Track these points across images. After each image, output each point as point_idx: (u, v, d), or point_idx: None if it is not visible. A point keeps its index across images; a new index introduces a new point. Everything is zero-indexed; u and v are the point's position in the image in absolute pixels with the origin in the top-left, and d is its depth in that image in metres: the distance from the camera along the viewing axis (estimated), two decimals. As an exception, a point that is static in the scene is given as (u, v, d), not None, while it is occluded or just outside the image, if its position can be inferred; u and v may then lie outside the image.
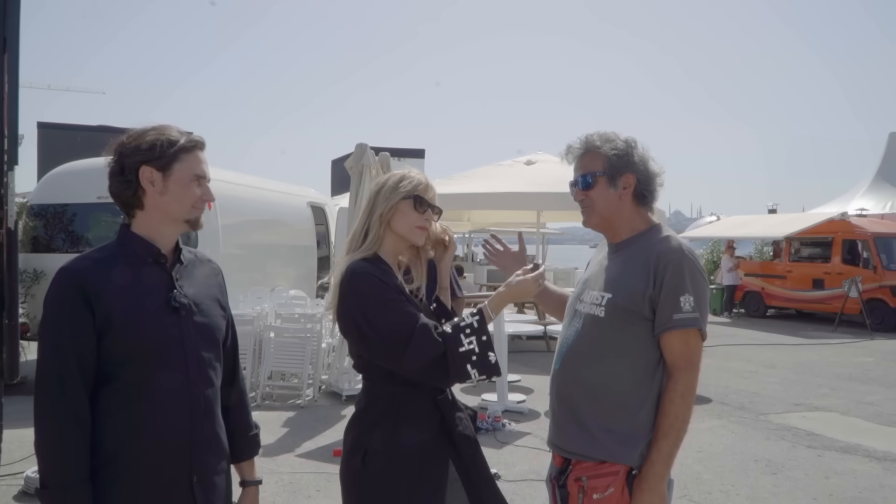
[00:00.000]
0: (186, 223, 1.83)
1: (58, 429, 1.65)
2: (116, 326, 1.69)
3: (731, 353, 10.74)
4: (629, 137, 2.11)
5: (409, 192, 2.12)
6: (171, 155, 1.78)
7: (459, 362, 1.95)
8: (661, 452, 1.94)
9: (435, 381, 2.02)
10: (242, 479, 2.03)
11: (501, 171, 12.41)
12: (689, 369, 1.98)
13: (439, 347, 1.95)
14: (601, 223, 2.15)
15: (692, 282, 1.98)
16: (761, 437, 6.20)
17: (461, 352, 1.95)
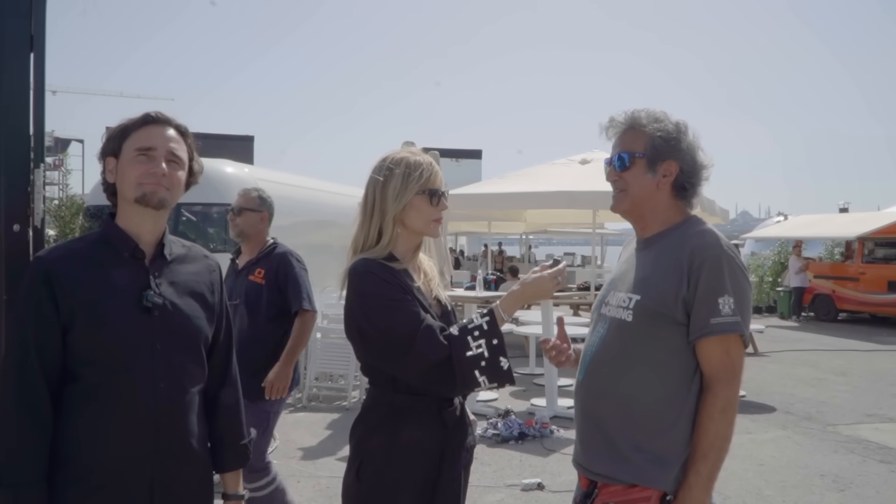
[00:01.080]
0: (136, 202, 1.68)
1: (14, 424, 1.58)
2: (80, 323, 1.60)
3: (798, 359, 10.20)
4: (680, 121, 1.87)
5: (423, 187, 1.95)
6: (119, 137, 1.71)
7: (467, 368, 1.78)
8: (699, 475, 1.72)
9: (440, 388, 1.85)
10: (225, 491, 1.90)
11: (556, 169, 12.11)
12: (730, 381, 1.75)
13: (444, 351, 1.78)
14: (631, 210, 1.93)
15: (732, 281, 1.74)
16: (829, 449, 5.79)
17: (468, 356, 1.79)
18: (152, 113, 1.72)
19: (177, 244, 1.81)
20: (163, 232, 1.77)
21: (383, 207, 1.94)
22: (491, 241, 22.87)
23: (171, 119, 1.74)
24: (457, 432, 1.94)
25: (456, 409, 1.96)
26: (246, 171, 9.04)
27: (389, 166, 1.97)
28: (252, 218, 3.59)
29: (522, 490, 4.74)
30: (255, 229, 3.60)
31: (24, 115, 3.26)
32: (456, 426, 1.94)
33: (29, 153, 3.28)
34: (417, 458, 1.87)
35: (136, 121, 1.71)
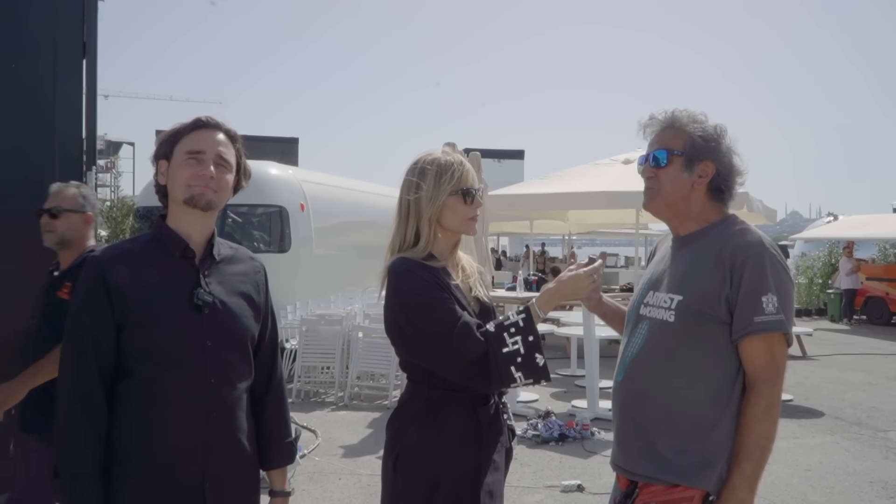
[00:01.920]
0: (185, 203, 1.73)
1: (72, 419, 1.63)
2: (133, 321, 1.65)
3: (850, 363, 9.92)
4: (719, 124, 1.85)
5: (455, 187, 1.97)
6: (170, 141, 1.76)
7: (503, 364, 1.79)
8: (744, 475, 1.70)
9: (476, 384, 1.87)
10: (271, 487, 1.94)
11: (598, 170, 12.01)
12: (774, 380, 1.73)
13: (481, 347, 1.80)
14: (664, 209, 1.91)
15: (775, 279, 1.72)
16: (879, 456, 5.63)
17: (505, 353, 1.80)
18: (203, 118, 1.77)
19: (224, 245, 1.85)
20: (212, 233, 1.81)
21: (418, 210, 1.96)
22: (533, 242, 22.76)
23: (221, 124, 1.78)
24: (491, 430, 1.96)
25: (490, 407, 1.98)
26: (290, 173, 9.20)
27: (422, 168, 1.99)
28: (74, 221, 2.82)
29: (562, 491, 4.72)
30: (77, 234, 2.85)
31: (76, 120, 3.40)
32: (490, 425, 1.96)
33: (81, 156, 3.43)
34: (452, 454, 1.89)
35: (187, 125, 1.76)
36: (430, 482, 1.87)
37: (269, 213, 8.64)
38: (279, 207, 8.59)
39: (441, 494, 1.86)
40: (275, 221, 8.65)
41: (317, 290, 9.02)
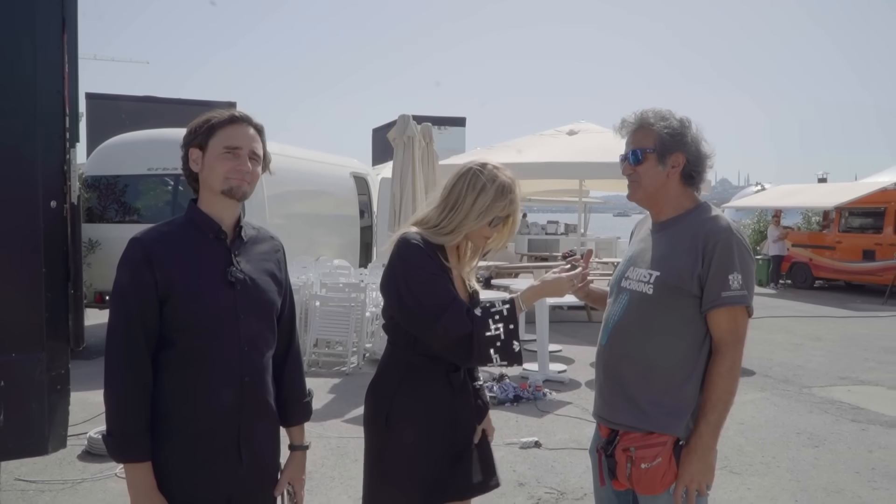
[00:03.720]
0: (223, 194, 1.90)
1: (122, 383, 1.79)
2: (176, 295, 1.81)
3: (776, 326, 10.62)
4: (684, 117, 2.11)
5: (501, 215, 2.15)
6: (206, 132, 1.90)
7: (484, 345, 2.03)
8: (709, 424, 1.99)
9: (458, 358, 2.11)
10: (291, 443, 2.14)
11: (544, 140, 12.36)
12: (736, 345, 2.02)
13: (467, 328, 2.03)
14: (646, 199, 2.17)
15: (740, 260, 2.00)
16: (804, 410, 6.17)
17: (487, 336, 2.03)
18: (237, 113, 1.92)
19: (248, 227, 2.02)
20: (239, 216, 1.98)
21: (467, 214, 2.12)
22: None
23: (251, 118, 1.93)
24: (461, 392, 2.20)
25: (461, 373, 2.21)
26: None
27: (492, 176, 2.14)
28: None
29: (521, 448, 5.04)
30: None
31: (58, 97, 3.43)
32: (461, 388, 2.21)
33: (64, 133, 3.46)
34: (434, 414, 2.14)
35: (223, 119, 1.90)
36: (421, 437, 2.12)
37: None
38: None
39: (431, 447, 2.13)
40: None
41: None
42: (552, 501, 4.10)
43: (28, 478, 4.28)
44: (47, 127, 3.39)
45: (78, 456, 4.67)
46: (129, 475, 1.79)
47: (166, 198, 8.63)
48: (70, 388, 3.51)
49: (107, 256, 7.70)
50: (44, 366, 3.39)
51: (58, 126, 3.43)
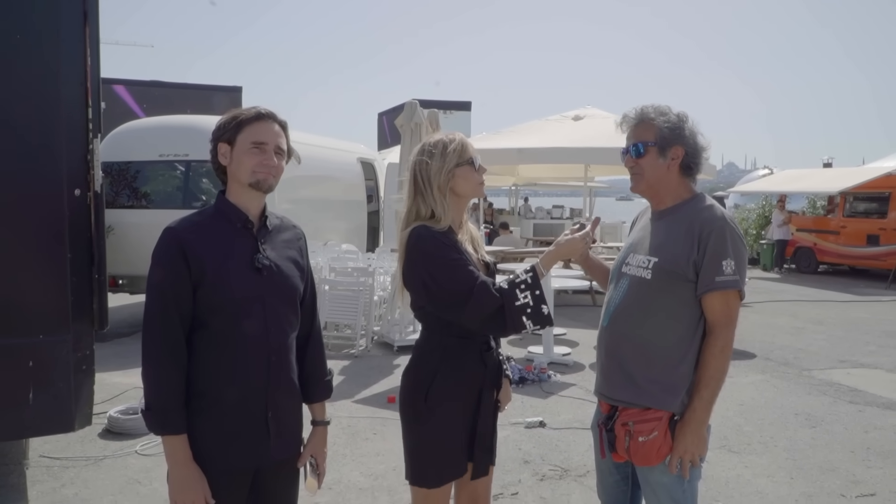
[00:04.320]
0: (251, 186, 2.03)
1: (160, 362, 1.93)
2: (208, 281, 1.95)
3: (779, 309, 10.73)
4: (681, 112, 2.24)
5: (462, 158, 2.31)
6: (234, 128, 2.02)
7: (516, 314, 2.17)
8: (702, 400, 2.14)
9: (493, 331, 2.25)
10: (314, 418, 2.28)
11: (550, 125, 12.44)
12: (728, 326, 2.15)
13: (497, 302, 2.16)
14: (648, 190, 2.30)
15: (733, 248, 2.13)
16: (803, 392, 6.31)
17: (517, 305, 2.17)
18: (262, 110, 2.04)
19: (272, 217, 2.15)
20: (264, 206, 2.11)
21: (429, 181, 2.30)
22: (479, 194, 23.07)
23: (276, 115, 2.06)
24: (492, 369, 2.37)
25: (493, 351, 2.38)
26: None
27: (429, 148, 2.33)
28: None
29: (526, 427, 5.20)
30: None
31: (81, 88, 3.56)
32: (493, 366, 2.37)
33: (87, 124, 3.60)
34: (470, 393, 2.31)
35: (249, 116, 2.03)
36: (457, 413, 2.28)
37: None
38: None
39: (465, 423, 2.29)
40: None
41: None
42: (556, 478, 4.26)
43: (52, 455, 4.45)
44: (71, 117, 3.53)
45: (98, 434, 4.85)
46: (167, 447, 1.94)
47: (177, 184, 8.76)
48: (94, 368, 3.68)
49: (119, 241, 7.84)
50: (70, 347, 3.55)
51: (81, 116, 3.57)
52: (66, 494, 3.94)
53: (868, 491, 4.14)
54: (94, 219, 3.60)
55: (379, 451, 4.65)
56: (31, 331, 3.46)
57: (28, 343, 3.46)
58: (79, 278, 3.55)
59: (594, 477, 4.23)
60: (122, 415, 4.95)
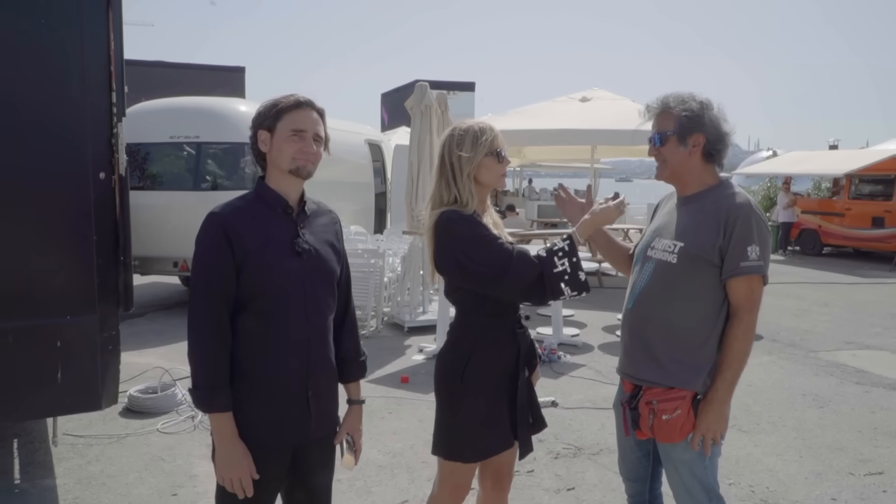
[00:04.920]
0: (290, 173, 2.08)
1: (207, 342, 1.99)
2: (251, 265, 2.00)
3: (785, 291, 10.80)
4: (705, 100, 2.28)
5: (491, 148, 2.37)
6: (273, 116, 2.06)
7: (555, 281, 2.25)
8: (725, 381, 2.21)
9: (533, 298, 2.32)
10: (349, 398, 2.34)
11: (557, 107, 12.43)
12: (752, 310, 2.22)
13: (536, 269, 2.24)
14: (671, 176, 2.35)
15: (758, 234, 2.19)
16: (810, 373, 6.38)
17: (555, 272, 2.25)
18: (301, 98, 2.08)
19: (310, 202, 2.20)
20: (303, 192, 2.17)
21: (460, 168, 2.36)
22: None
23: (314, 102, 2.10)
24: (525, 347, 2.45)
25: (526, 330, 2.47)
26: (260, 110, 9.27)
27: (461, 134, 2.39)
28: None
29: (538, 407, 5.28)
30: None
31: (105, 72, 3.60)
32: (526, 343, 2.46)
33: (111, 108, 3.65)
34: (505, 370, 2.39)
35: (289, 104, 2.06)
36: (493, 390, 2.37)
37: (243, 150, 8.78)
38: (253, 145, 8.73)
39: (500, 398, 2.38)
40: (248, 160, 8.80)
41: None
42: (570, 456, 4.35)
43: (75, 433, 4.54)
44: (95, 102, 3.57)
45: (119, 413, 4.94)
46: (214, 424, 2.01)
47: (188, 165, 8.80)
48: (120, 348, 3.75)
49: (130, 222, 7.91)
50: (96, 327, 3.63)
51: (104, 100, 3.61)
52: (92, 471, 4.03)
53: (876, 469, 4.22)
54: (120, 201, 3.66)
55: (395, 430, 4.74)
56: (59, 312, 3.53)
57: (55, 323, 3.53)
58: (104, 260, 3.62)
59: (607, 455, 4.36)
60: (141, 394, 5.04)
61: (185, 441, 4.50)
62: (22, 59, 3.37)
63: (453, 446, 2.44)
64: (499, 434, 2.44)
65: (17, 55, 3.36)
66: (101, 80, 3.58)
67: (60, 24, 3.46)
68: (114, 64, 3.61)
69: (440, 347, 2.54)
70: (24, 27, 3.36)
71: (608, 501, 3.78)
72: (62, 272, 3.54)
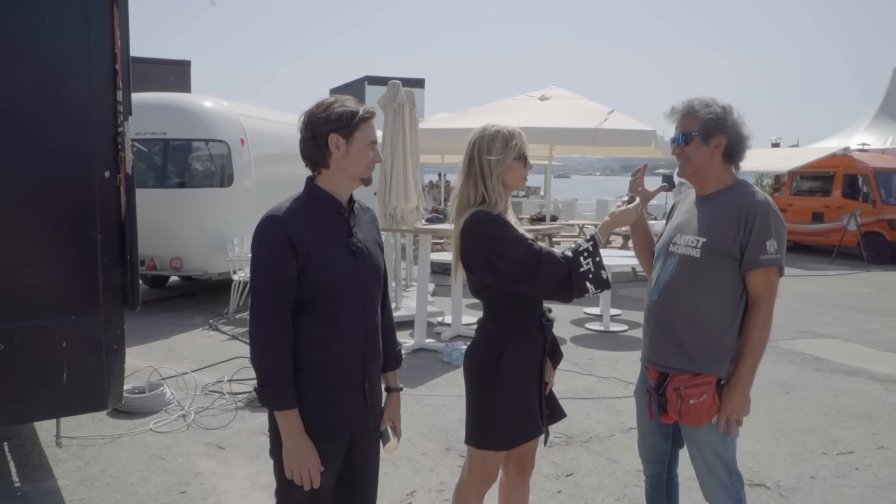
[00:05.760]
0: (362, 180, 2.19)
1: (271, 342, 2.06)
2: (313, 266, 2.07)
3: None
4: (727, 104, 2.45)
5: (520, 153, 2.50)
6: (354, 125, 2.13)
7: (581, 280, 2.39)
8: (747, 366, 2.39)
9: (561, 296, 2.45)
10: (388, 386, 2.44)
11: (517, 104, 12.63)
12: (770, 300, 2.40)
13: (564, 269, 2.38)
14: (693, 175, 2.52)
15: (776, 229, 2.38)
16: (772, 360, 6.71)
17: (581, 271, 2.39)
18: (372, 110, 2.18)
19: (357, 202, 2.29)
20: (351, 193, 2.25)
21: (490, 170, 2.47)
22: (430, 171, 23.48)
23: None
24: (550, 339, 2.62)
25: (552, 323, 2.60)
26: (226, 106, 9.17)
27: (491, 138, 2.50)
28: None
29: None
30: None
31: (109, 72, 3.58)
32: (551, 336, 2.62)
33: (116, 106, 3.63)
34: (535, 362, 2.54)
35: (366, 115, 2.15)
36: (525, 379, 2.52)
37: (211, 147, 8.68)
38: (221, 142, 8.64)
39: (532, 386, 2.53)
40: (217, 156, 8.71)
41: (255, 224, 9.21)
42: (563, 444, 4.52)
43: (66, 434, 4.48)
44: (100, 100, 3.55)
45: (108, 414, 4.88)
46: (282, 420, 2.06)
47: (154, 162, 8.67)
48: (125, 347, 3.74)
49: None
50: (101, 327, 3.62)
51: (110, 99, 3.59)
52: (93, 472, 4.00)
53: (846, 449, 4.53)
54: (126, 200, 3.64)
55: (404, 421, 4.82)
56: (64, 311, 3.51)
57: (61, 324, 3.50)
58: (109, 259, 3.60)
59: (597, 443, 4.55)
60: (130, 394, 5.00)
61: (182, 440, 4.50)
62: (26, 57, 3.34)
63: (487, 436, 2.56)
64: (530, 423, 2.58)
65: (22, 53, 3.32)
66: (106, 78, 3.56)
67: (65, 22, 3.44)
68: (120, 62, 3.59)
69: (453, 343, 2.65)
70: (29, 25, 3.33)
71: (606, 485, 3.96)
72: (67, 272, 3.52)
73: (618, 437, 4.72)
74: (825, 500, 3.82)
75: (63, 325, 3.51)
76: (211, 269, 8.70)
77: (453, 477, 4.00)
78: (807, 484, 4.01)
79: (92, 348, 3.59)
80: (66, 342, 3.52)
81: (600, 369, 6.38)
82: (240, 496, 3.75)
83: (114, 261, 3.63)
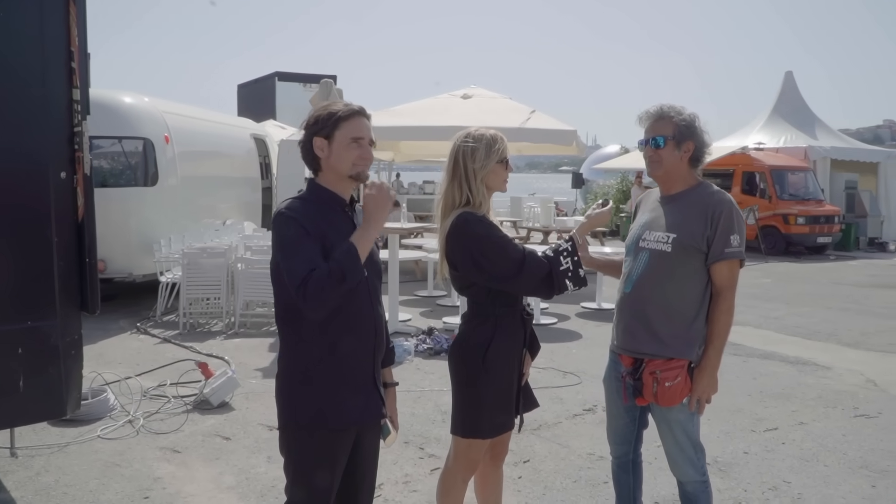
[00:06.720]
0: (350, 178, 2.24)
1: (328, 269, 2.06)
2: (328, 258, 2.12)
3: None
4: (692, 112, 2.68)
5: (502, 156, 2.65)
6: (332, 125, 2.19)
7: (561, 278, 2.57)
8: (716, 350, 2.62)
9: (542, 293, 2.63)
10: (385, 381, 2.52)
11: (439, 103, 12.76)
12: (732, 289, 2.65)
13: (546, 268, 2.55)
14: (663, 176, 2.73)
15: (738, 225, 2.62)
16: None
17: (561, 270, 2.57)
18: (356, 107, 2.22)
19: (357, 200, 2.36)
20: (352, 192, 2.33)
21: (474, 173, 2.61)
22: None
23: (364, 110, 2.25)
24: (530, 331, 2.76)
25: (532, 317, 2.76)
26: (147, 102, 8.91)
27: (474, 141, 2.64)
28: None
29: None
30: None
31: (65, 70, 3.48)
32: (529, 326, 2.77)
33: (72, 105, 3.54)
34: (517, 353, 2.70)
35: (347, 113, 2.19)
36: (510, 369, 2.66)
37: (135, 145, 8.41)
38: (145, 140, 8.39)
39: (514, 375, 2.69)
40: (140, 154, 8.46)
41: (181, 224, 9.00)
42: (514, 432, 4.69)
43: (5, 445, 4.30)
44: (55, 100, 3.45)
45: (49, 422, 4.70)
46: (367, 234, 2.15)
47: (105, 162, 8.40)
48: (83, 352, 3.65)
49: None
50: (59, 332, 3.53)
51: (65, 97, 3.49)
52: (46, 482, 3.88)
53: (772, 426, 4.93)
54: (84, 202, 3.55)
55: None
56: (20, 317, 3.40)
57: (16, 329, 3.39)
58: (66, 262, 3.51)
59: (547, 430, 4.78)
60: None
61: (133, 446, 4.41)
62: (-24, 54, 3.21)
63: (474, 424, 2.70)
64: (510, 412, 2.74)
65: (-28, 49, 3.19)
66: (61, 76, 3.46)
67: (18, 18, 3.32)
68: (77, 59, 3.49)
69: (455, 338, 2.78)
70: (-21, 21, 3.20)
71: (562, 469, 4.18)
72: (21, 276, 3.41)
73: (565, 423, 4.96)
74: (760, 472, 4.17)
75: (18, 330, 3.40)
76: (136, 271, 8.45)
77: (417, 468, 4.12)
78: (741, 459, 4.36)
79: (49, 354, 3.49)
80: (21, 348, 3.41)
81: (538, 360, 6.59)
82: (207, 498, 3.73)
83: (70, 263, 3.53)
